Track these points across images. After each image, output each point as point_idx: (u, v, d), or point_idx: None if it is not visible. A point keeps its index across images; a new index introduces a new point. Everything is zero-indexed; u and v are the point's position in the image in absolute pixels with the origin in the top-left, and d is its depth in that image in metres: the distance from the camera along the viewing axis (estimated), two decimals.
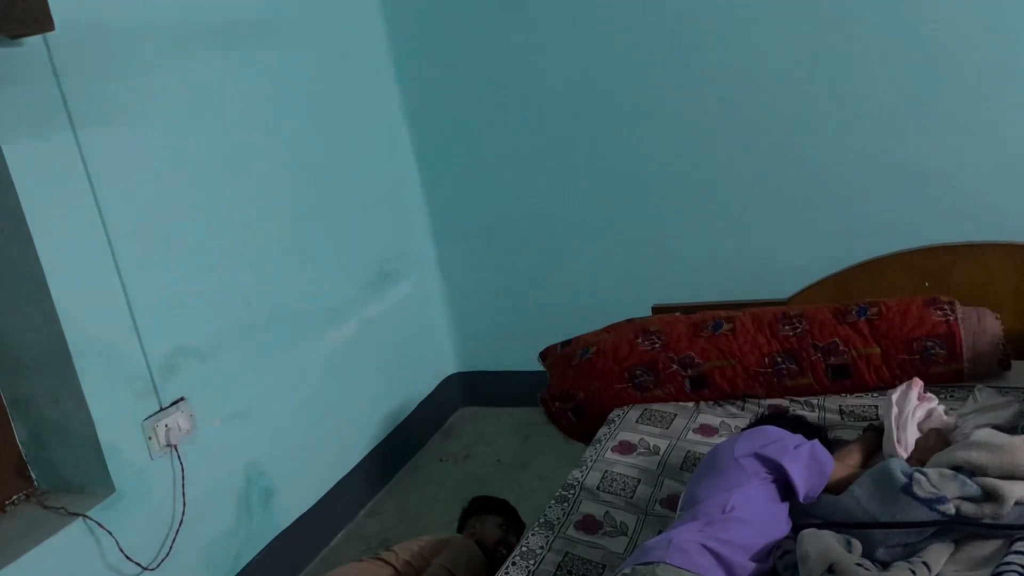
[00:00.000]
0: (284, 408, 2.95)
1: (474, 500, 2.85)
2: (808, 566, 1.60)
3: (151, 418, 2.41)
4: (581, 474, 2.37)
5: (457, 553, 2.46)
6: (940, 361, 2.54)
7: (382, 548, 2.56)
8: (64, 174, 2.20)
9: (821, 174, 3.20)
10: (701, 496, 1.83)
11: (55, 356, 2.19)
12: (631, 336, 2.89)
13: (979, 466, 1.77)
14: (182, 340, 2.54)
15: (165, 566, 2.40)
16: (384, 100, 3.70)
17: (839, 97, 3.09)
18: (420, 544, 2.52)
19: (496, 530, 2.66)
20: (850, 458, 2.06)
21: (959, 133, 2.98)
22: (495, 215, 3.81)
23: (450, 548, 2.48)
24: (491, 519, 2.69)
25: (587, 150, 3.53)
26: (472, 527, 2.70)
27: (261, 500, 2.83)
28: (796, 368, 2.66)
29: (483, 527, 2.67)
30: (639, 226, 3.54)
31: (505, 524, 2.69)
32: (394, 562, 2.42)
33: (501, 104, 3.61)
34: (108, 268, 2.30)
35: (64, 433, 2.27)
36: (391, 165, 3.73)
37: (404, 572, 2.40)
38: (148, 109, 2.46)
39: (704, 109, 3.29)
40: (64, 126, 2.19)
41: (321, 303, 3.19)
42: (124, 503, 2.30)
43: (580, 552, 2.01)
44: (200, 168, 2.64)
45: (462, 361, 4.16)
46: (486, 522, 2.69)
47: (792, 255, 3.26)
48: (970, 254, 2.83)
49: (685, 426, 2.62)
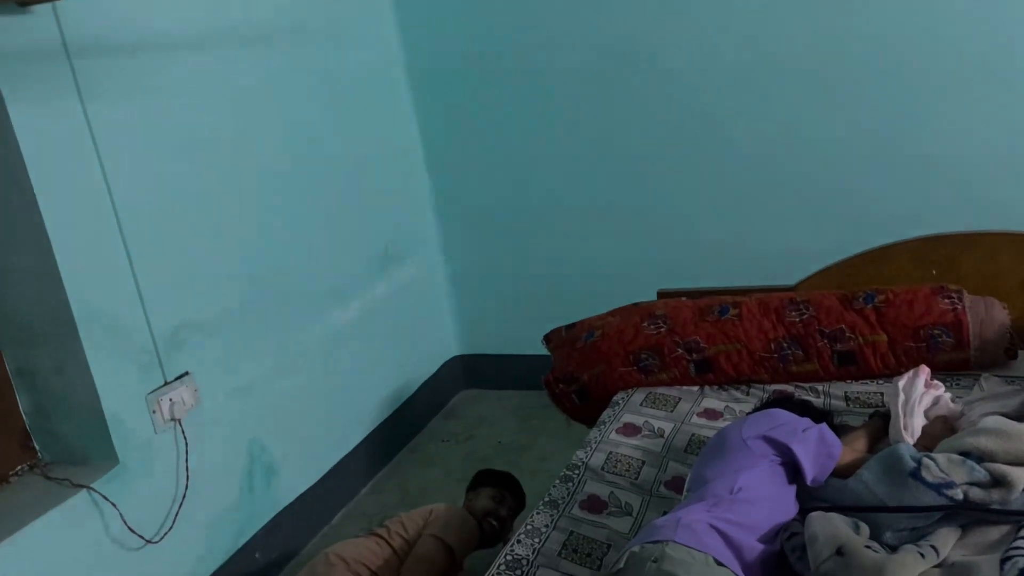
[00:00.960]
0: (288, 386, 2.95)
1: (477, 474, 2.87)
2: (816, 548, 1.60)
3: (155, 392, 2.40)
4: (586, 454, 2.37)
5: (446, 520, 2.49)
6: (947, 349, 2.54)
7: (377, 525, 2.58)
8: (72, 146, 2.18)
9: (829, 161, 3.19)
10: (709, 477, 1.83)
11: (60, 327, 2.18)
12: (636, 320, 2.89)
13: (988, 452, 1.77)
14: (188, 315, 2.53)
15: (168, 539, 2.40)
16: (391, 82, 3.68)
17: (847, 85, 3.09)
18: (411, 517, 2.54)
19: (487, 501, 2.68)
20: (857, 443, 2.06)
21: (967, 123, 2.98)
22: (500, 198, 3.80)
23: (437, 516, 2.51)
24: (485, 491, 2.72)
25: (595, 134, 3.52)
26: (468, 499, 2.74)
27: (263, 476, 2.83)
28: (802, 354, 2.66)
29: (476, 498, 2.70)
30: (646, 211, 3.54)
31: (498, 496, 2.70)
32: (387, 536, 2.45)
33: (509, 88, 3.60)
34: (115, 241, 2.29)
35: (68, 405, 2.27)
36: (397, 147, 3.72)
37: (397, 546, 2.42)
38: (157, 83, 2.44)
39: (712, 96, 3.28)
40: (72, 97, 2.17)
41: (326, 282, 3.18)
42: (128, 476, 2.30)
43: (585, 531, 2.01)
44: (207, 144, 2.62)
45: (465, 343, 4.16)
46: (480, 494, 2.71)
47: (799, 242, 3.26)
48: (978, 243, 2.82)
49: (690, 410, 2.62)
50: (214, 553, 2.62)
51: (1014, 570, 1.46)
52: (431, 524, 2.49)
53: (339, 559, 2.34)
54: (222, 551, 2.65)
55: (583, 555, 1.93)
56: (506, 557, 1.92)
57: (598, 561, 1.90)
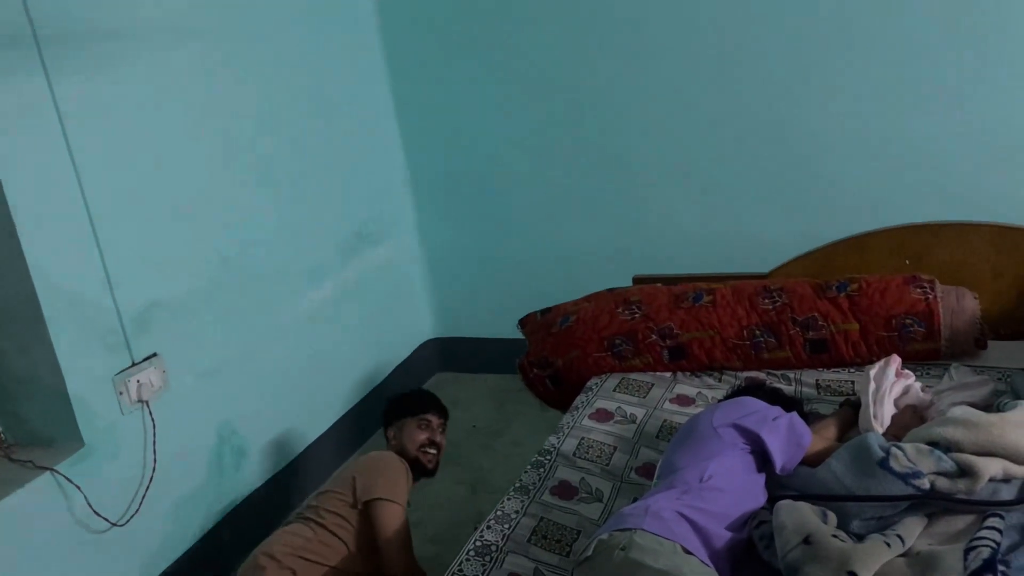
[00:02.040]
0: (258, 368, 2.92)
1: (388, 406, 2.60)
2: (784, 536, 1.60)
3: (122, 373, 2.37)
4: (558, 440, 2.37)
5: (365, 463, 2.31)
6: (918, 339, 2.55)
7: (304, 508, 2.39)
8: (36, 121, 2.13)
9: (805, 150, 3.19)
10: (678, 464, 1.83)
11: (24, 307, 2.13)
12: (611, 306, 2.88)
13: (955, 442, 1.78)
14: (156, 295, 2.49)
15: (134, 522, 2.37)
16: (367, 60, 3.63)
17: (823, 74, 3.07)
18: (335, 488, 2.33)
19: (417, 431, 2.46)
20: (827, 432, 2.07)
21: (943, 113, 2.97)
22: (477, 181, 3.77)
23: (368, 476, 2.30)
24: (409, 422, 2.49)
25: (573, 119, 3.49)
26: (392, 436, 2.49)
27: (233, 459, 2.80)
28: (774, 341, 2.67)
29: (403, 433, 2.46)
30: (622, 197, 3.52)
31: (424, 422, 2.49)
32: (316, 517, 2.27)
33: (486, 71, 3.56)
34: (81, 219, 2.24)
35: (33, 385, 2.23)
36: (372, 126, 3.67)
37: (331, 524, 2.24)
38: (124, 58, 2.39)
39: (688, 86, 3.26)
40: (38, 73, 2.12)
41: (298, 263, 3.15)
42: (93, 458, 2.27)
43: (555, 517, 2.01)
44: (176, 121, 2.57)
45: (440, 326, 4.14)
46: (405, 427, 2.47)
47: (774, 230, 3.25)
48: (951, 234, 2.84)
49: (662, 396, 2.62)
50: (182, 536, 2.59)
51: (977, 560, 1.47)
52: (366, 488, 2.25)
53: (268, 558, 2.16)
54: (190, 534, 2.62)
55: (552, 541, 1.93)
56: (475, 543, 1.92)
57: (568, 547, 1.90)
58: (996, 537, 1.54)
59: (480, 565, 1.84)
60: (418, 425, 2.48)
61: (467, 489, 3.14)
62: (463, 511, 2.98)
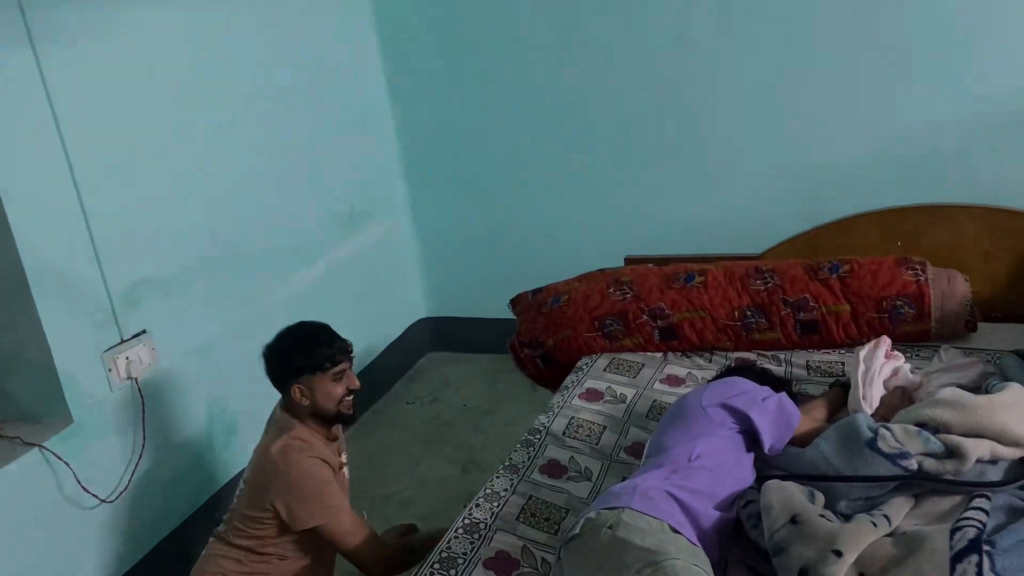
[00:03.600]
0: (249, 345, 2.86)
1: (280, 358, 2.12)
2: (771, 516, 1.61)
3: (111, 350, 2.36)
4: (548, 419, 2.37)
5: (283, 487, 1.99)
6: (908, 320, 2.56)
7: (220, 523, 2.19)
8: (23, 95, 2.10)
9: (798, 131, 3.17)
10: (667, 444, 1.84)
11: (11, 283, 2.12)
12: (603, 286, 2.88)
13: (943, 423, 1.79)
14: (145, 272, 2.47)
15: (123, 499, 2.37)
16: (360, 38, 3.60)
17: (815, 55, 3.05)
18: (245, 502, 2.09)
19: (332, 386, 2.06)
20: (816, 412, 2.08)
21: (936, 95, 2.96)
22: (470, 161, 3.75)
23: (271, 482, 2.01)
24: (321, 377, 2.06)
25: (565, 99, 3.47)
26: (300, 399, 2.07)
27: (223, 436, 2.80)
28: (765, 322, 2.67)
29: (313, 392, 2.06)
30: (615, 178, 3.50)
31: (340, 372, 2.09)
32: (227, 537, 2.09)
33: (480, 50, 3.53)
34: (69, 195, 2.22)
35: (20, 362, 2.22)
36: (364, 104, 3.64)
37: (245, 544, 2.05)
38: (113, 28, 2.36)
39: (682, 64, 3.24)
40: (23, 42, 2.09)
41: (289, 241, 3.13)
42: (82, 435, 2.26)
43: (544, 496, 2.01)
44: (167, 97, 2.55)
45: (431, 306, 4.13)
46: (316, 384, 2.05)
47: (767, 211, 3.24)
48: (943, 216, 2.84)
49: (652, 376, 2.62)
50: (171, 513, 2.59)
51: (963, 540, 1.47)
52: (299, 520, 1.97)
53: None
54: (180, 511, 2.63)
55: (541, 519, 1.93)
56: (464, 521, 1.92)
57: (556, 525, 1.91)
58: (982, 518, 1.55)
59: (469, 543, 1.85)
60: (332, 379, 2.08)
61: (457, 468, 3.14)
62: (453, 489, 2.99)
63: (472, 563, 1.78)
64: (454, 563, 1.79)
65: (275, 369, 2.14)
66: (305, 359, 2.08)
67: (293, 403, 2.10)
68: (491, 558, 1.80)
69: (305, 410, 2.10)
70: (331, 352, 2.10)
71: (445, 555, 1.81)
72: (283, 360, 2.12)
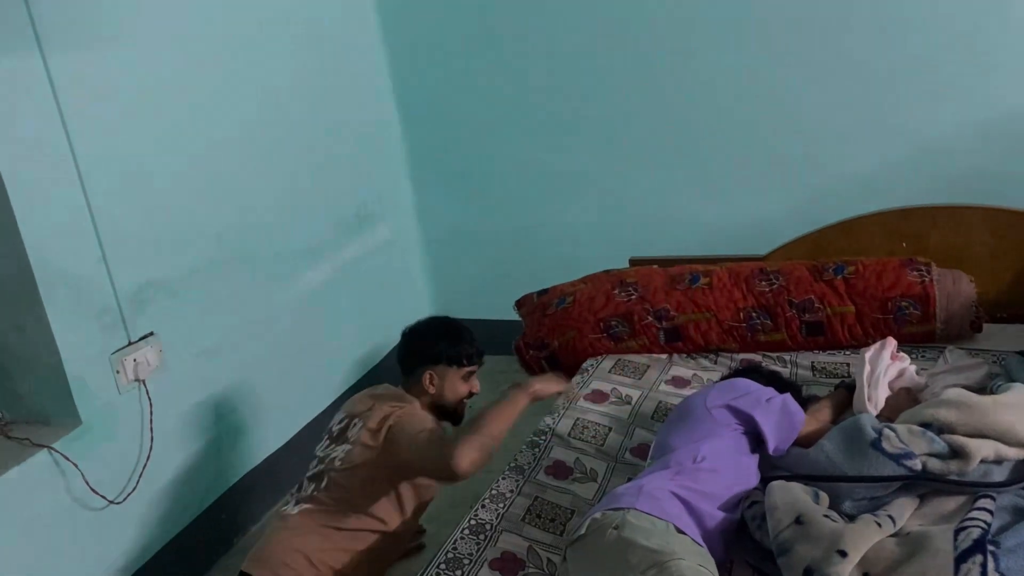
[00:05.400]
0: (256, 347, 2.92)
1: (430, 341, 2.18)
2: (776, 517, 1.61)
3: (119, 352, 2.37)
4: (553, 421, 2.38)
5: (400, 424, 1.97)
6: (913, 321, 2.56)
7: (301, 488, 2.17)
8: (31, 98, 2.12)
9: (803, 133, 3.18)
10: (673, 445, 1.84)
11: (21, 285, 2.13)
12: (608, 287, 2.89)
13: (947, 424, 1.79)
14: (152, 274, 2.49)
15: (131, 500, 2.38)
16: (366, 41, 3.61)
17: (821, 56, 3.06)
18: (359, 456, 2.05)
19: (461, 384, 2.17)
20: (821, 413, 2.08)
21: (941, 95, 2.97)
22: (475, 163, 3.76)
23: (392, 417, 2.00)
24: (456, 371, 2.15)
25: (571, 101, 3.48)
26: (428, 384, 2.13)
27: (231, 438, 2.81)
28: (770, 323, 2.67)
29: (443, 382, 2.14)
30: (620, 179, 3.51)
31: (472, 372, 2.19)
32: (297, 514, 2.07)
33: (485, 53, 3.55)
34: (77, 197, 2.23)
35: (30, 364, 2.23)
36: (371, 107, 3.66)
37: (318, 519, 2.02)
38: (121, 33, 2.37)
39: (688, 65, 3.25)
40: (31, 47, 2.10)
41: (296, 243, 3.14)
42: (90, 436, 2.27)
43: (549, 496, 2.02)
44: (174, 98, 2.56)
45: (437, 308, 4.13)
46: (449, 375, 2.14)
47: (771, 212, 3.25)
48: (948, 216, 2.83)
49: (658, 377, 2.63)
50: (179, 514, 2.61)
51: (968, 540, 1.47)
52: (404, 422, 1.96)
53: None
54: (188, 513, 2.64)
55: (547, 520, 1.94)
56: (470, 521, 1.93)
57: (561, 526, 1.92)
58: (987, 518, 1.55)
59: (475, 543, 1.86)
60: (464, 377, 2.18)
61: None
62: (458, 491, 2.98)
63: (478, 563, 1.79)
64: (460, 564, 1.79)
65: (417, 349, 2.19)
66: (449, 349, 2.18)
67: (418, 388, 2.16)
68: (497, 559, 1.81)
69: (427, 398, 2.16)
70: (472, 351, 2.22)
71: (451, 555, 1.82)
72: (428, 344, 2.19)
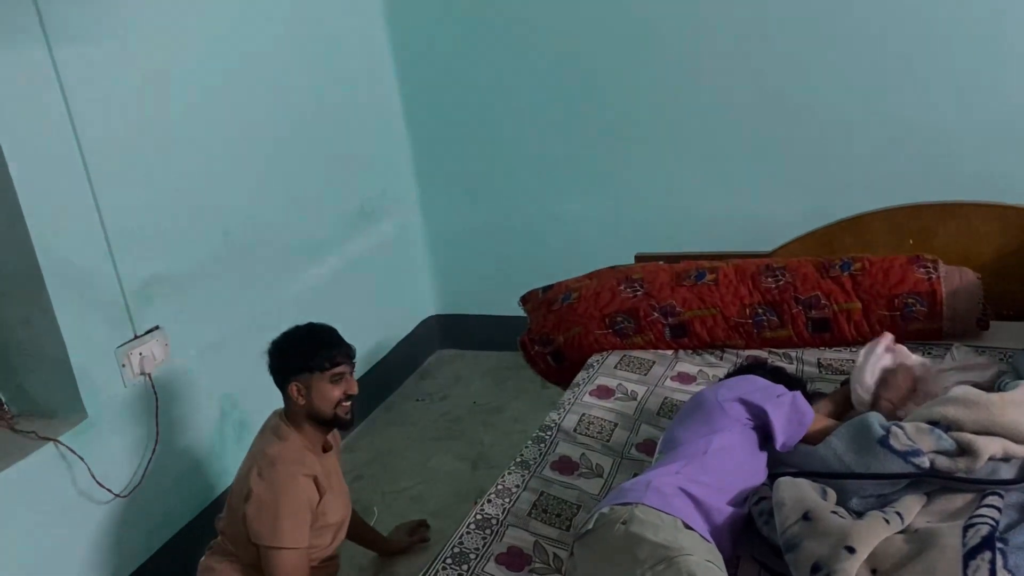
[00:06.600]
0: (261, 342, 2.86)
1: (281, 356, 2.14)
2: (783, 512, 1.61)
3: (125, 346, 2.37)
4: (559, 416, 2.37)
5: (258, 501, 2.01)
6: (920, 318, 2.55)
7: None
8: (38, 91, 2.12)
9: (810, 129, 3.18)
10: (682, 439, 1.84)
11: (27, 279, 2.14)
12: (613, 283, 2.88)
13: (955, 421, 1.78)
14: (158, 269, 2.49)
15: (137, 494, 2.38)
16: (371, 36, 3.61)
17: (829, 51, 3.06)
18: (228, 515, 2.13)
19: (330, 388, 2.07)
20: (827, 410, 2.08)
21: (950, 92, 2.96)
22: (480, 158, 3.76)
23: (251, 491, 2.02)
24: (319, 377, 2.07)
25: (577, 97, 3.48)
26: (297, 399, 2.08)
27: (235, 432, 2.81)
28: (776, 320, 2.67)
29: (310, 392, 2.07)
30: (626, 174, 3.51)
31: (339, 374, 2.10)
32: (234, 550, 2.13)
33: (490, 47, 3.54)
34: (83, 190, 2.24)
35: (36, 357, 2.23)
36: (376, 102, 3.66)
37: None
38: (127, 27, 2.37)
39: (694, 60, 3.24)
40: (38, 40, 2.10)
41: (301, 238, 3.14)
42: (96, 429, 2.28)
43: (555, 492, 2.02)
44: (180, 94, 2.56)
45: (442, 303, 4.14)
46: (314, 384, 2.07)
47: (778, 209, 3.24)
48: (955, 214, 2.82)
49: (663, 373, 2.62)
50: (184, 508, 2.61)
51: (976, 537, 1.47)
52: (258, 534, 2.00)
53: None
54: (192, 506, 2.64)
55: (553, 515, 1.94)
56: (476, 517, 1.93)
57: (568, 522, 1.91)
58: (995, 515, 1.54)
59: (481, 538, 1.86)
60: (330, 380, 2.08)
61: (468, 464, 3.15)
62: (464, 486, 3.00)
63: (484, 558, 1.79)
64: (466, 558, 1.79)
65: (276, 364, 2.15)
66: (305, 357, 2.09)
67: (291, 405, 2.12)
68: (503, 553, 1.81)
69: (302, 411, 2.11)
70: (331, 353, 2.11)
71: (457, 550, 1.82)
72: (284, 357, 2.14)
